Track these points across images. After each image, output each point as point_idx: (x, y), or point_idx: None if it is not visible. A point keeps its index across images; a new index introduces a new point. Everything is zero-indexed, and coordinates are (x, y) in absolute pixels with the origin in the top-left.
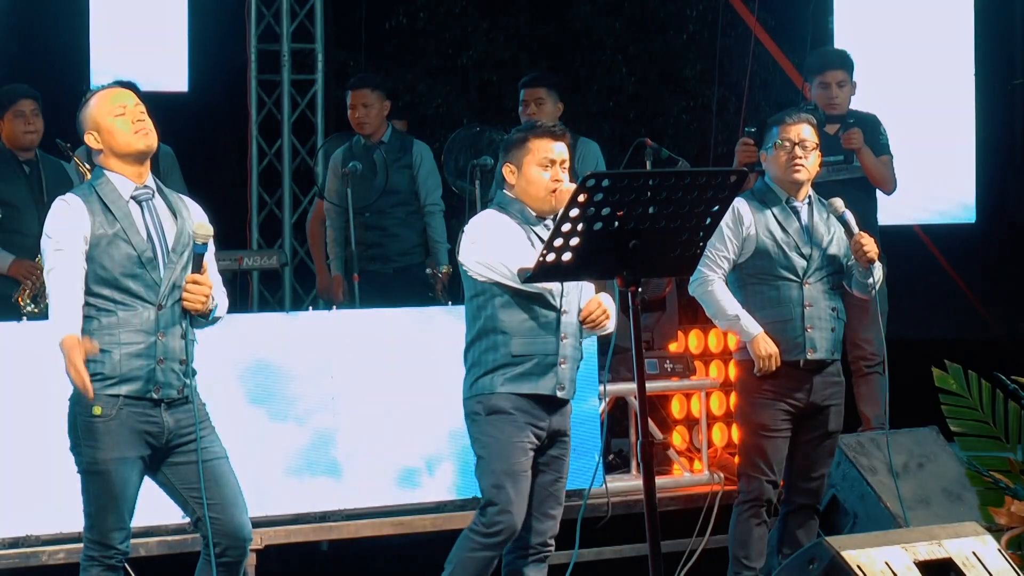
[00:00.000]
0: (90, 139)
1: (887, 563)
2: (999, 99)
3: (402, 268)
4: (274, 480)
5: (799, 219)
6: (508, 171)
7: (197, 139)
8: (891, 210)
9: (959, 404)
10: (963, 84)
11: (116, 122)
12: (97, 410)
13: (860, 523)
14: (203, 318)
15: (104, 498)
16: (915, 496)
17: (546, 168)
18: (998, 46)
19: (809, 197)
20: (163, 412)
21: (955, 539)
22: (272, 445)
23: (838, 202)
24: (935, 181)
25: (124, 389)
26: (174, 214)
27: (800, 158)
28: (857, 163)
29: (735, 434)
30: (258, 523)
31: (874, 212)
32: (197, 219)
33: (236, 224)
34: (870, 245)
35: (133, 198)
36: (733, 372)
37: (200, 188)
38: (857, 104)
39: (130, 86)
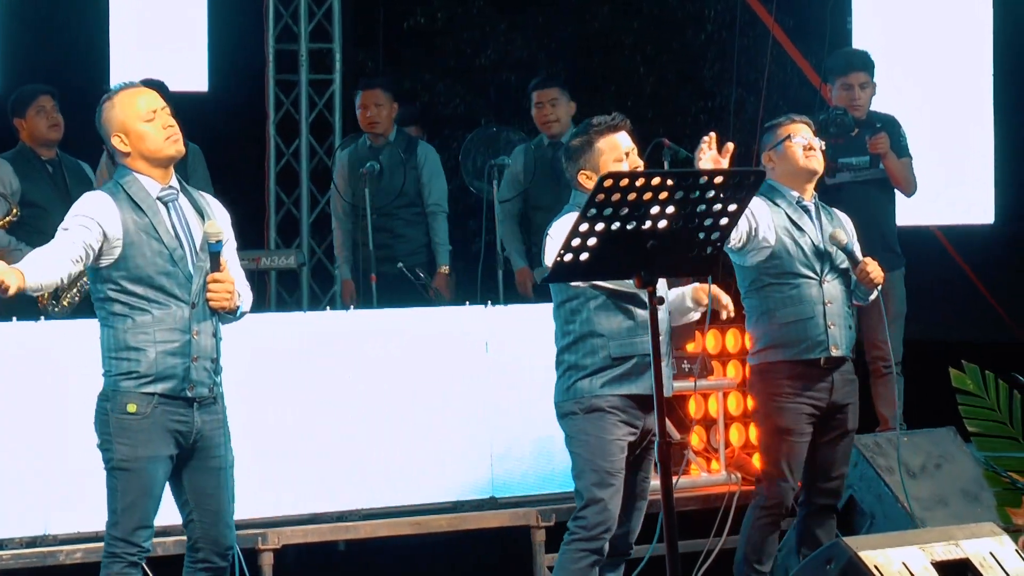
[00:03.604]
0: (116, 141)
1: (904, 564)
2: (1018, 100)
3: (408, 268)
4: (291, 480)
5: (811, 218)
6: (585, 178)
7: (216, 139)
8: (909, 211)
9: (976, 404)
10: (982, 84)
11: (146, 127)
12: (132, 407)
13: (877, 523)
14: (230, 314)
15: (132, 496)
16: (932, 496)
17: (622, 162)
18: (1017, 46)
19: (814, 198)
20: (194, 412)
21: (972, 539)
22: (289, 445)
23: (840, 234)
24: (953, 182)
25: (159, 388)
26: (199, 213)
27: (814, 149)
28: (881, 166)
29: (753, 434)
30: (275, 523)
31: (893, 213)
32: (216, 217)
33: (254, 224)
34: (875, 271)
35: (159, 199)
36: (746, 374)
37: (218, 188)
38: (875, 105)
39: (158, 85)
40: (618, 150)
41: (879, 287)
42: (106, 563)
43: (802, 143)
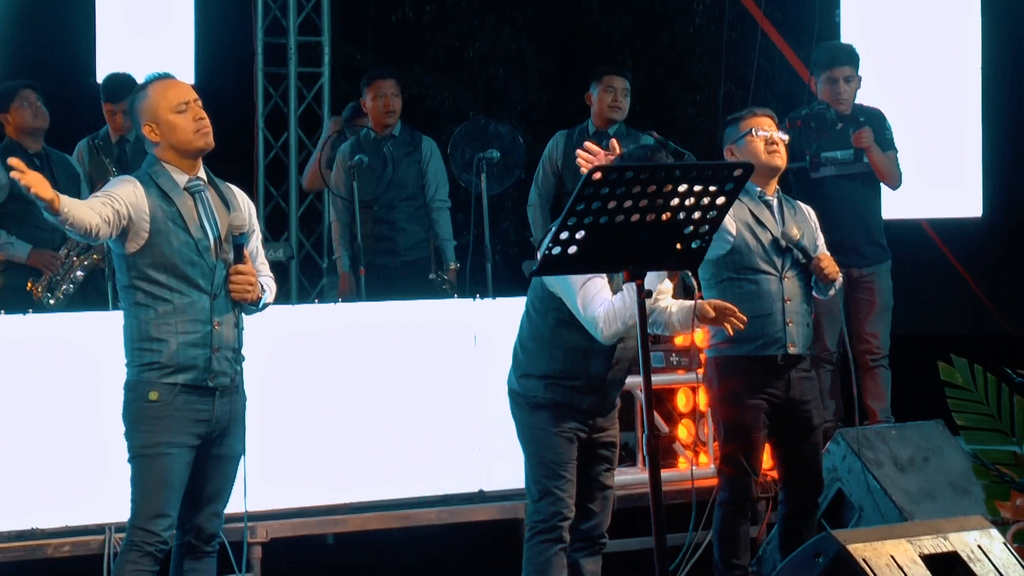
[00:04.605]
0: (147, 131)
1: (892, 556)
2: (1005, 93)
3: (409, 262)
4: (279, 473)
5: (772, 213)
6: None
7: None
8: (897, 205)
9: (965, 398)
10: (970, 78)
11: (178, 118)
12: (153, 395)
13: (866, 516)
14: (252, 305)
15: (150, 483)
16: (921, 490)
17: None
18: (1005, 40)
19: (777, 192)
20: (215, 401)
21: (961, 533)
22: (277, 438)
23: (794, 231)
24: (942, 175)
25: (180, 378)
26: (226, 204)
27: (777, 144)
28: (866, 159)
29: None
30: (264, 516)
31: (879, 207)
32: (241, 210)
33: None
34: (830, 266)
35: (186, 189)
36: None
37: None
38: (863, 98)
39: (124, 78)
40: None
41: (837, 283)
42: (123, 551)
43: (764, 137)
